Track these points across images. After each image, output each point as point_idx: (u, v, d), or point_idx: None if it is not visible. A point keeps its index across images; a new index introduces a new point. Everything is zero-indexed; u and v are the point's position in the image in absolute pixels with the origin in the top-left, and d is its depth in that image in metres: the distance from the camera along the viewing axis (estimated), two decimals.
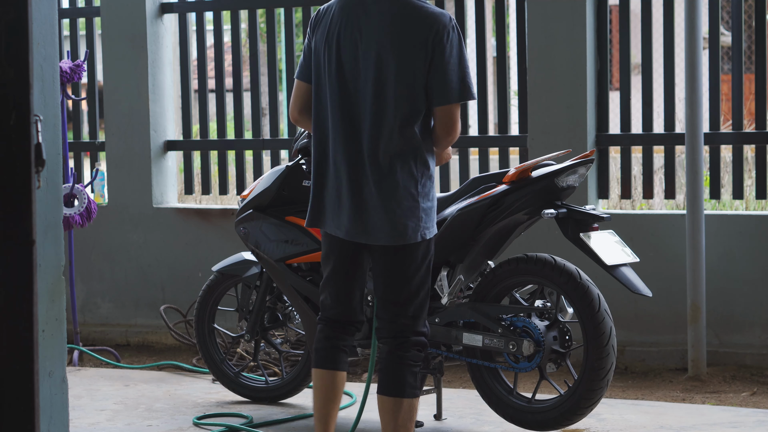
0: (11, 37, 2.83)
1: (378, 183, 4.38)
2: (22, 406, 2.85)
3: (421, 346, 4.54)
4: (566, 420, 5.39)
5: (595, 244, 5.27)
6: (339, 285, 4.61)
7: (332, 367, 4.61)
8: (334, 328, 4.65)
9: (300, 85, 4.56)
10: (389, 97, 4.36)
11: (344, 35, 4.40)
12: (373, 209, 4.40)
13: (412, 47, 4.34)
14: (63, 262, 4.09)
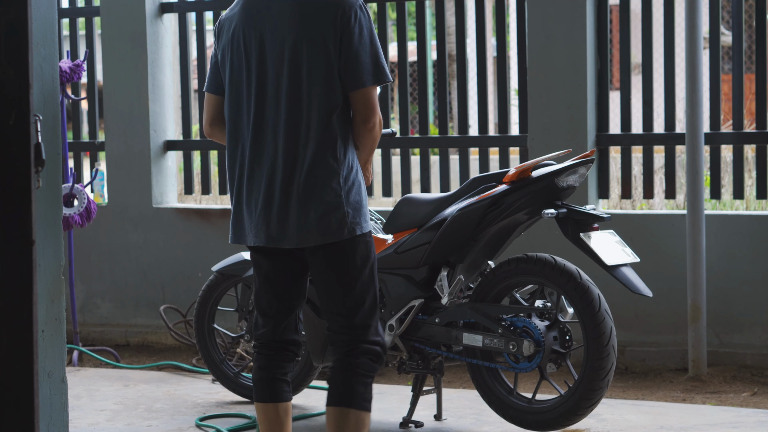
0: (11, 37, 2.83)
1: (298, 182, 4.14)
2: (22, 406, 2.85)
3: (374, 355, 4.24)
4: (566, 420, 5.39)
5: (596, 244, 5.27)
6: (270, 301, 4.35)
7: (272, 399, 4.33)
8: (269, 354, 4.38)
9: (209, 97, 4.36)
10: (303, 92, 4.14)
11: (249, 36, 4.20)
12: (295, 210, 4.14)
13: (320, 35, 4.12)
14: (63, 262, 4.09)
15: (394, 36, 7.85)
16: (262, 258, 4.31)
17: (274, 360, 4.36)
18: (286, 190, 4.16)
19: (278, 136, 4.18)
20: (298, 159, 4.15)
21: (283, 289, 4.34)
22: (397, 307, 5.58)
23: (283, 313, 4.36)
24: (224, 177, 8.14)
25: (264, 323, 4.37)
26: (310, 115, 4.15)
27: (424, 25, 7.85)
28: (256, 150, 4.21)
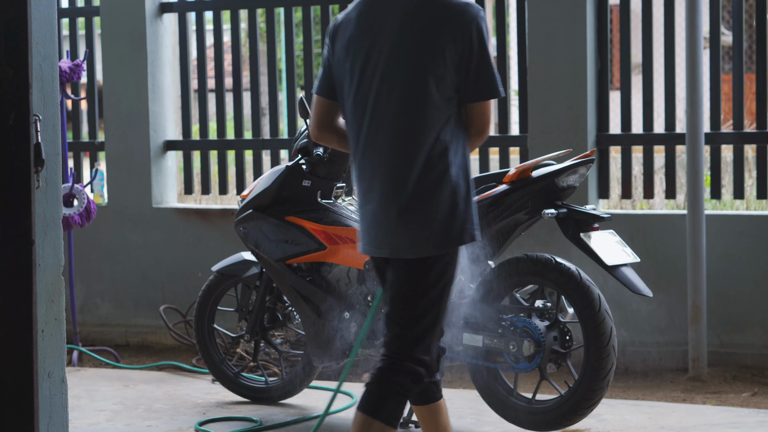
0: (10, 37, 2.83)
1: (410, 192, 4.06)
2: (22, 406, 2.85)
3: (416, 375, 4.11)
4: (567, 420, 5.38)
5: (596, 244, 5.27)
6: None
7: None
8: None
9: (320, 100, 4.29)
10: (421, 101, 4.06)
11: (368, 43, 4.12)
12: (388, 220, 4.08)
13: (440, 46, 4.05)
14: (62, 262, 4.09)
15: None
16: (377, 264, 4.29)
17: (391, 372, 4.16)
18: (401, 200, 4.07)
19: (396, 143, 4.09)
20: (413, 168, 4.06)
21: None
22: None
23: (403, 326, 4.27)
24: (224, 177, 8.13)
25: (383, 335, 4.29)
26: (427, 125, 4.06)
27: None
28: (375, 157, 4.13)
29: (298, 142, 5.91)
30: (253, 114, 8.17)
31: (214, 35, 8.14)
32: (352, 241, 5.75)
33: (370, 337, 5.67)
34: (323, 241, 5.78)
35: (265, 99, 8.23)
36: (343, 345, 5.75)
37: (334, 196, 5.94)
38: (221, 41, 8.12)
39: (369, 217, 4.14)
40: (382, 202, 4.09)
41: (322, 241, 5.78)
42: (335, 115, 4.29)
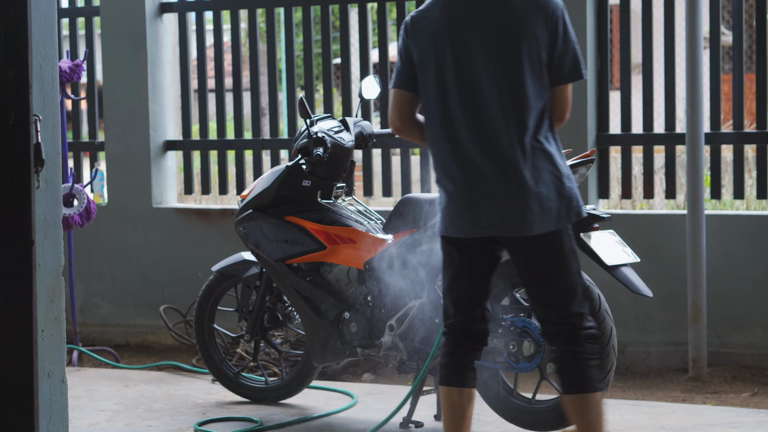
0: (10, 37, 2.83)
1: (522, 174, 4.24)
2: (22, 406, 2.85)
3: (594, 338, 4.37)
4: (567, 420, 5.38)
5: (596, 244, 5.27)
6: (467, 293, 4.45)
7: (458, 384, 4.43)
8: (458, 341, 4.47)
9: (402, 94, 4.43)
10: (520, 86, 4.25)
11: (457, 34, 4.29)
12: (509, 199, 4.25)
13: (533, 32, 4.25)
14: (62, 262, 4.09)
15: (394, 36, 7.84)
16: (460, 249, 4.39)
17: (463, 347, 4.46)
18: (509, 182, 4.25)
19: (499, 129, 4.26)
20: (525, 150, 4.27)
21: (480, 280, 4.45)
22: (397, 307, 5.58)
23: (477, 303, 4.47)
24: (224, 177, 8.14)
25: (455, 313, 4.45)
26: (525, 111, 4.28)
27: None
28: (480, 144, 4.28)
29: (298, 142, 5.91)
30: (253, 114, 8.17)
31: (214, 35, 8.14)
32: (352, 241, 5.75)
33: (370, 337, 5.67)
34: (323, 241, 5.78)
35: (265, 99, 8.23)
36: (343, 345, 5.75)
37: (334, 196, 5.94)
38: (221, 41, 8.12)
39: (477, 201, 4.28)
40: (497, 185, 4.25)
41: (322, 241, 5.78)
42: (416, 108, 4.45)
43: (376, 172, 8.82)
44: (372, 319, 5.66)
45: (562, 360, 4.36)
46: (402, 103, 4.44)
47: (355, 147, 5.95)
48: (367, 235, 5.75)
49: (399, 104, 4.44)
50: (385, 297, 5.61)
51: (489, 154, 4.26)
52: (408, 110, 4.44)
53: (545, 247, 4.30)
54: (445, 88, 4.31)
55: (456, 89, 4.30)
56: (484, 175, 4.26)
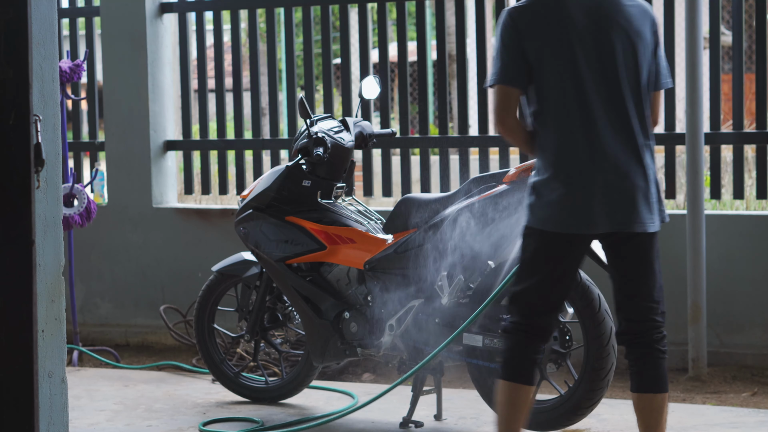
0: (11, 37, 2.83)
1: (640, 171, 4.29)
2: (22, 406, 2.85)
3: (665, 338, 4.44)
4: (567, 420, 5.39)
5: (596, 244, 5.26)
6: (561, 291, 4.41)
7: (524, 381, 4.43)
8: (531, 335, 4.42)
9: (510, 91, 4.32)
10: (637, 84, 4.32)
11: (575, 31, 4.29)
12: (639, 196, 4.28)
13: (644, 36, 4.34)
14: (62, 262, 4.09)
15: (394, 36, 7.85)
16: (571, 246, 4.35)
17: (534, 341, 4.41)
18: (637, 178, 4.29)
19: (629, 127, 4.29)
20: (637, 148, 4.30)
21: (574, 278, 4.45)
22: (397, 307, 5.58)
23: (563, 302, 4.48)
24: (224, 177, 8.14)
25: (544, 312, 4.40)
26: (644, 111, 4.34)
27: (424, 25, 7.84)
28: (612, 139, 4.28)
29: (298, 142, 5.91)
30: (253, 114, 8.18)
31: (214, 35, 8.14)
32: (352, 241, 5.75)
33: (370, 337, 5.67)
34: (323, 241, 5.78)
35: (265, 99, 8.23)
36: (343, 345, 5.75)
37: (334, 196, 5.94)
38: (221, 41, 8.12)
39: (612, 196, 4.26)
40: (628, 181, 4.27)
41: (322, 241, 5.78)
42: (518, 105, 4.38)
43: (376, 172, 8.82)
44: (372, 319, 5.67)
45: (647, 358, 4.36)
46: (510, 100, 4.32)
47: (355, 147, 5.95)
48: (367, 235, 5.75)
49: (507, 101, 4.33)
50: (385, 297, 5.61)
51: (622, 151, 4.28)
52: (515, 108, 4.35)
53: (651, 245, 4.35)
54: (581, 84, 4.28)
55: (593, 85, 4.27)
56: (619, 171, 4.27)
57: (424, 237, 5.53)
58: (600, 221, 4.29)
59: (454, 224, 5.42)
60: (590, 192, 4.27)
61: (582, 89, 4.28)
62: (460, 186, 5.66)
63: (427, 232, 5.53)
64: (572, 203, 4.28)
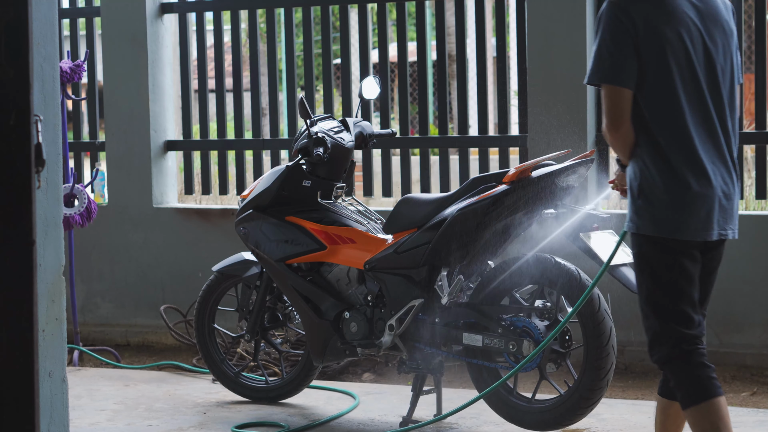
0: (11, 37, 2.83)
1: (736, 177, 4.15)
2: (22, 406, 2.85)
3: None
4: (566, 420, 5.39)
5: (595, 244, 5.27)
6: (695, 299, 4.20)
7: (721, 393, 4.10)
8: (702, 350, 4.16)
9: (624, 93, 4.01)
10: (734, 86, 4.18)
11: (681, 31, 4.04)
12: (736, 202, 4.15)
13: (734, 33, 4.18)
14: (63, 262, 4.09)
15: (394, 36, 7.85)
16: (699, 252, 4.15)
17: (701, 352, 4.14)
18: (733, 184, 4.14)
19: (733, 131, 4.16)
20: (733, 153, 4.16)
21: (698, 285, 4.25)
22: (397, 307, 5.58)
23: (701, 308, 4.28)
24: (224, 177, 8.14)
25: (696, 322, 4.18)
26: (734, 110, 4.19)
27: (424, 25, 7.85)
28: (712, 142, 4.10)
29: (299, 142, 5.92)
30: (254, 114, 8.18)
31: (215, 36, 8.15)
32: (352, 241, 5.75)
33: (370, 337, 5.67)
34: (323, 241, 5.79)
35: (265, 99, 8.24)
36: (343, 345, 5.76)
37: (334, 196, 5.95)
38: (221, 41, 8.13)
39: (711, 201, 4.06)
40: (725, 187, 4.10)
41: (322, 241, 5.79)
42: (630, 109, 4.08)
43: (376, 172, 8.83)
44: (372, 319, 5.67)
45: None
46: (625, 102, 4.02)
47: (355, 147, 5.96)
48: (367, 235, 5.76)
49: (621, 103, 4.03)
50: (385, 297, 5.62)
51: (730, 156, 4.14)
52: (629, 112, 4.05)
53: (720, 253, 4.25)
54: (697, 86, 4.07)
55: (705, 88, 4.08)
56: (730, 177, 4.13)
57: (424, 237, 5.53)
58: (715, 228, 4.10)
59: (454, 224, 5.42)
60: (709, 198, 4.06)
61: (698, 91, 4.08)
62: (460, 186, 5.67)
63: (427, 232, 5.53)
64: (691, 209, 4.05)
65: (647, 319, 4.16)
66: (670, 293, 4.11)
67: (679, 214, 4.05)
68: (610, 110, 4.04)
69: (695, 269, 4.15)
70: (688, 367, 4.09)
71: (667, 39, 4.04)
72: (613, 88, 4.03)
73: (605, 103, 4.06)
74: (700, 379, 4.07)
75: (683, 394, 4.08)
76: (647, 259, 4.12)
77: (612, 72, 4.03)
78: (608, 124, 4.07)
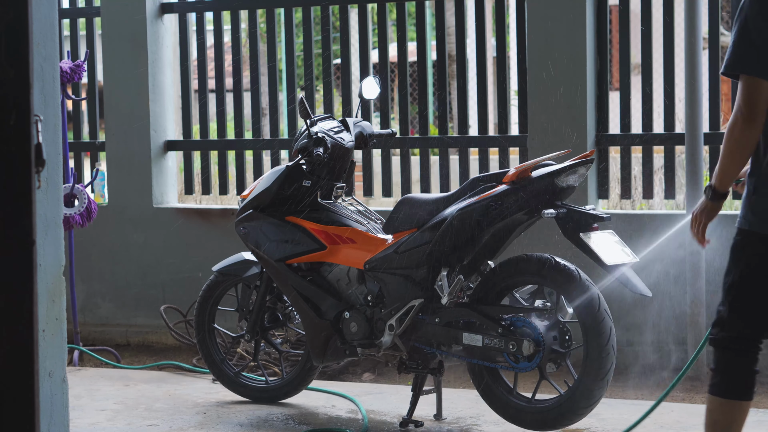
0: (11, 37, 2.83)
1: None
2: (22, 406, 2.85)
3: None
4: (566, 420, 5.39)
5: (595, 244, 5.28)
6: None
7: (751, 397, 4.09)
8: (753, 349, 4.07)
9: (763, 85, 3.81)
10: None
11: None
12: None
13: None
14: (63, 262, 4.09)
15: (394, 36, 7.86)
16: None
17: (755, 354, 4.08)
18: None
19: None
20: None
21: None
22: (397, 307, 5.58)
23: None
24: (224, 177, 8.14)
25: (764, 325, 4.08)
26: None
27: (424, 25, 7.85)
28: None
29: (299, 142, 5.92)
30: (254, 114, 8.19)
31: (215, 36, 8.15)
32: (352, 241, 5.76)
33: (370, 337, 5.67)
34: (323, 241, 5.79)
35: (265, 99, 8.24)
36: (343, 345, 5.76)
37: (334, 196, 5.95)
38: (221, 42, 8.13)
39: None
40: None
41: (322, 241, 5.79)
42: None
43: (376, 172, 8.83)
44: (372, 319, 5.67)
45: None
46: (762, 95, 3.83)
47: (355, 147, 5.96)
48: (367, 235, 5.76)
49: (758, 95, 3.82)
50: (385, 297, 5.62)
51: None
52: (766, 105, 3.86)
53: None
54: None
55: None
56: None
57: (424, 237, 5.53)
58: None
59: (454, 224, 5.42)
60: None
61: None
62: (460, 186, 5.67)
63: (427, 232, 5.53)
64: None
65: (723, 304, 4.10)
66: (752, 290, 4.03)
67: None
68: (744, 102, 3.85)
69: None
70: (740, 364, 4.06)
71: None
72: (751, 79, 3.85)
73: (745, 95, 3.84)
74: (744, 379, 4.06)
75: (719, 381, 4.05)
76: (746, 251, 4.06)
77: (751, 62, 3.84)
78: (741, 117, 3.87)
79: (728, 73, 3.96)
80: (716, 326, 4.11)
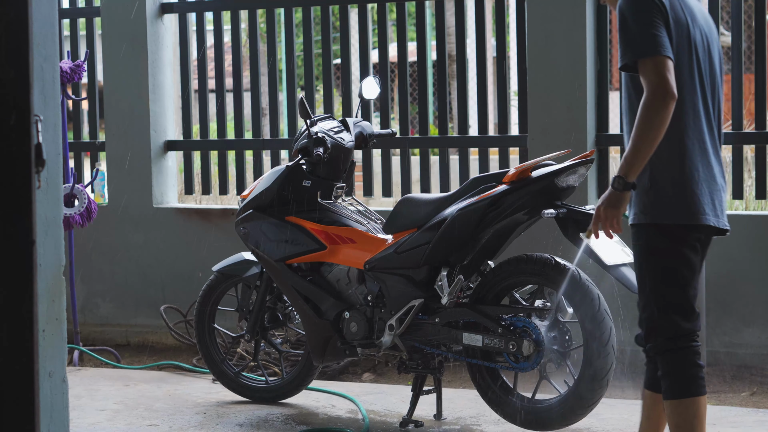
0: (11, 37, 2.83)
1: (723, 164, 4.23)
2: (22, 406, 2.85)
3: None
4: (566, 420, 5.39)
5: (595, 244, 5.28)
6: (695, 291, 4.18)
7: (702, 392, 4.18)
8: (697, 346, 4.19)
9: (672, 65, 4.01)
10: (721, 81, 4.27)
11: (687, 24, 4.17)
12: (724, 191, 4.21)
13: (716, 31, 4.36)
14: (63, 262, 4.09)
15: (394, 36, 7.85)
16: (700, 243, 4.17)
17: (696, 348, 4.19)
18: (724, 178, 4.22)
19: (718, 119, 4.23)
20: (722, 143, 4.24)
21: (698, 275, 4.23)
22: (397, 307, 5.59)
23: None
24: (224, 177, 8.14)
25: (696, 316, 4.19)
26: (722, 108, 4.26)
27: (424, 25, 7.85)
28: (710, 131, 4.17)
29: (299, 142, 5.92)
30: (254, 114, 8.18)
31: (215, 36, 8.15)
32: (352, 241, 5.76)
33: (370, 337, 5.67)
34: (323, 241, 5.79)
35: (266, 99, 8.24)
36: (343, 345, 5.76)
37: (334, 196, 5.95)
38: (222, 42, 8.13)
39: (718, 190, 4.17)
40: (721, 180, 4.18)
41: (322, 241, 5.79)
42: None
43: (376, 172, 8.83)
44: (372, 319, 5.67)
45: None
46: (672, 70, 4.01)
47: (355, 147, 5.96)
48: (367, 235, 5.76)
49: (670, 70, 3.99)
50: (385, 297, 5.62)
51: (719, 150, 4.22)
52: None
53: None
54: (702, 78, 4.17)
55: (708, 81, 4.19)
56: (722, 170, 4.22)
57: (423, 237, 5.54)
58: (715, 216, 4.14)
59: (454, 224, 5.42)
60: (713, 182, 4.13)
61: (702, 84, 4.16)
62: (460, 186, 5.67)
63: (426, 232, 5.54)
64: (699, 193, 4.10)
65: (646, 310, 4.20)
66: (675, 284, 4.14)
67: (690, 200, 4.09)
68: (660, 78, 3.96)
69: (697, 261, 4.18)
70: (682, 361, 4.17)
71: (684, 25, 4.15)
72: (664, 59, 3.99)
73: (651, 78, 3.96)
74: (690, 375, 4.17)
75: (669, 386, 4.20)
76: (653, 249, 4.15)
77: (664, 44, 4.01)
78: (662, 92, 3.97)
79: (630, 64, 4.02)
80: (650, 338, 4.22)
